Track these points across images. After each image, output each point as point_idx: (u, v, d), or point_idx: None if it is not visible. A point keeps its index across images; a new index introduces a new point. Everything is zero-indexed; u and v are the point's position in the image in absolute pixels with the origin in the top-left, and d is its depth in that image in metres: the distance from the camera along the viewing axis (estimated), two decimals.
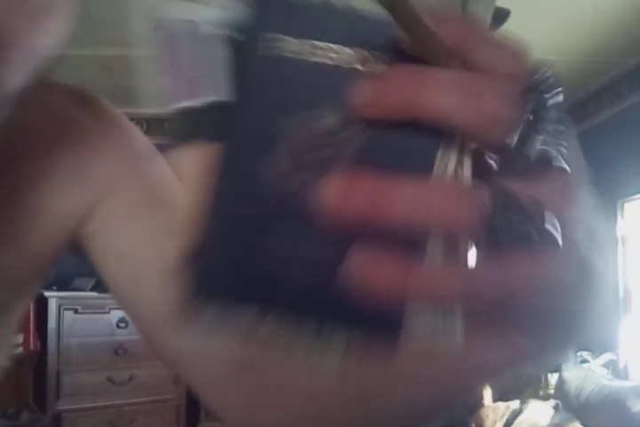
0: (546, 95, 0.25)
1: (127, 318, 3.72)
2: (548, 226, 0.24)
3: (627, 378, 3.14)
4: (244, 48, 0.26)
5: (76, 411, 3.39)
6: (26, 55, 0.36)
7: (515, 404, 2.98)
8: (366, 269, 0.23)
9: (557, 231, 0.24)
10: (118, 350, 3.53)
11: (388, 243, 0.24)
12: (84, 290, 3.68)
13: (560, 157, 0.27)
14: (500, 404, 3.00)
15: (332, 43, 0.26)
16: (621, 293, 3.38)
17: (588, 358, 3.17)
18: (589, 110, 3.82)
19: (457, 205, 0.23)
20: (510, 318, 0.26)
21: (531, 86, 0.26)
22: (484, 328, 0.27)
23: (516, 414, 2.89)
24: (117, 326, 3.54)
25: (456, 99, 0.24)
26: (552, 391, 3.12)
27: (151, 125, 4.58)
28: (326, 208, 0.24)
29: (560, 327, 0.28)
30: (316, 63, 0.26)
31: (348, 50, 0.26)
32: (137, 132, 0.63)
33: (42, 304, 3.33)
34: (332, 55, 0.26)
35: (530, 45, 0.27)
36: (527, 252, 0.24)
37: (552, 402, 2.95)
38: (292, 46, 0.26)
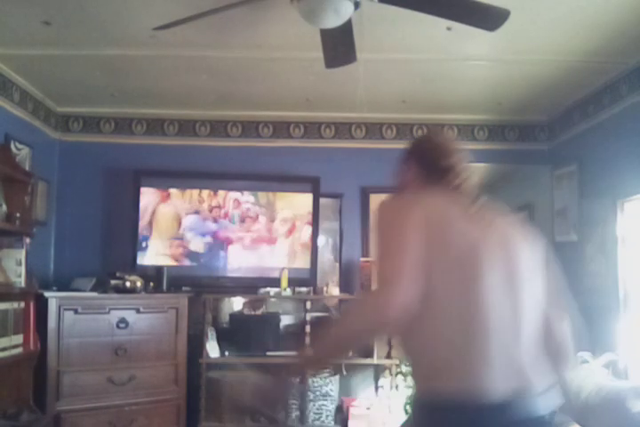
0: None
1: (127, 319, 3.68)
2: None
3: (627, 378, 3.15)
4: None
5: (76, 411, 3.39)
6: None
7: None
8: None
9: None
10: (118, 351, 3.53)
11: None
12: (84, 290, 3.68)
13: None
14: None
15: None
16: (621, 293, 3.38)
17: (589, 358, 3.17)
18: (589, 110, 3.82)
19: None
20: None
21: None
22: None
23: None
24: (117, 327, 3.54)
25: None
26: None
27: (151, 125, 4.57)
28: None
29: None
30: None
31: None
32: None
33: (42, 304, 3.32)
34: None
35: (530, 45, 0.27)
36: None
37: None
38: None
